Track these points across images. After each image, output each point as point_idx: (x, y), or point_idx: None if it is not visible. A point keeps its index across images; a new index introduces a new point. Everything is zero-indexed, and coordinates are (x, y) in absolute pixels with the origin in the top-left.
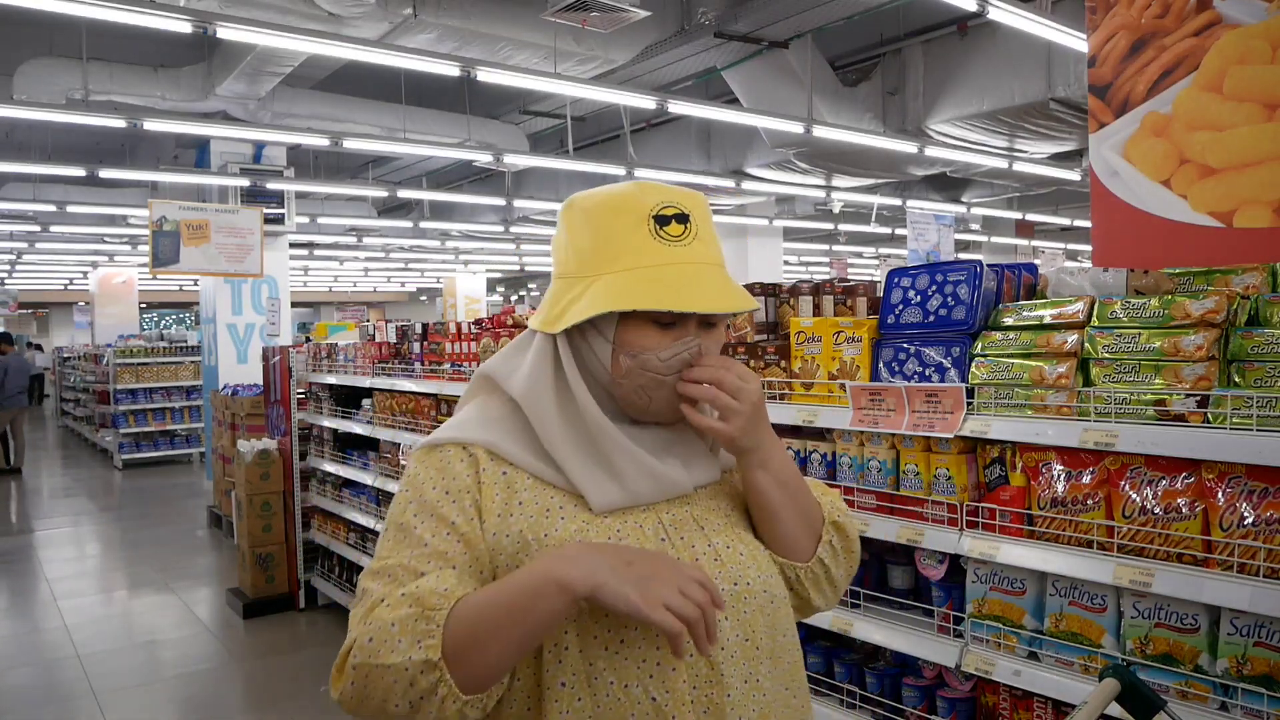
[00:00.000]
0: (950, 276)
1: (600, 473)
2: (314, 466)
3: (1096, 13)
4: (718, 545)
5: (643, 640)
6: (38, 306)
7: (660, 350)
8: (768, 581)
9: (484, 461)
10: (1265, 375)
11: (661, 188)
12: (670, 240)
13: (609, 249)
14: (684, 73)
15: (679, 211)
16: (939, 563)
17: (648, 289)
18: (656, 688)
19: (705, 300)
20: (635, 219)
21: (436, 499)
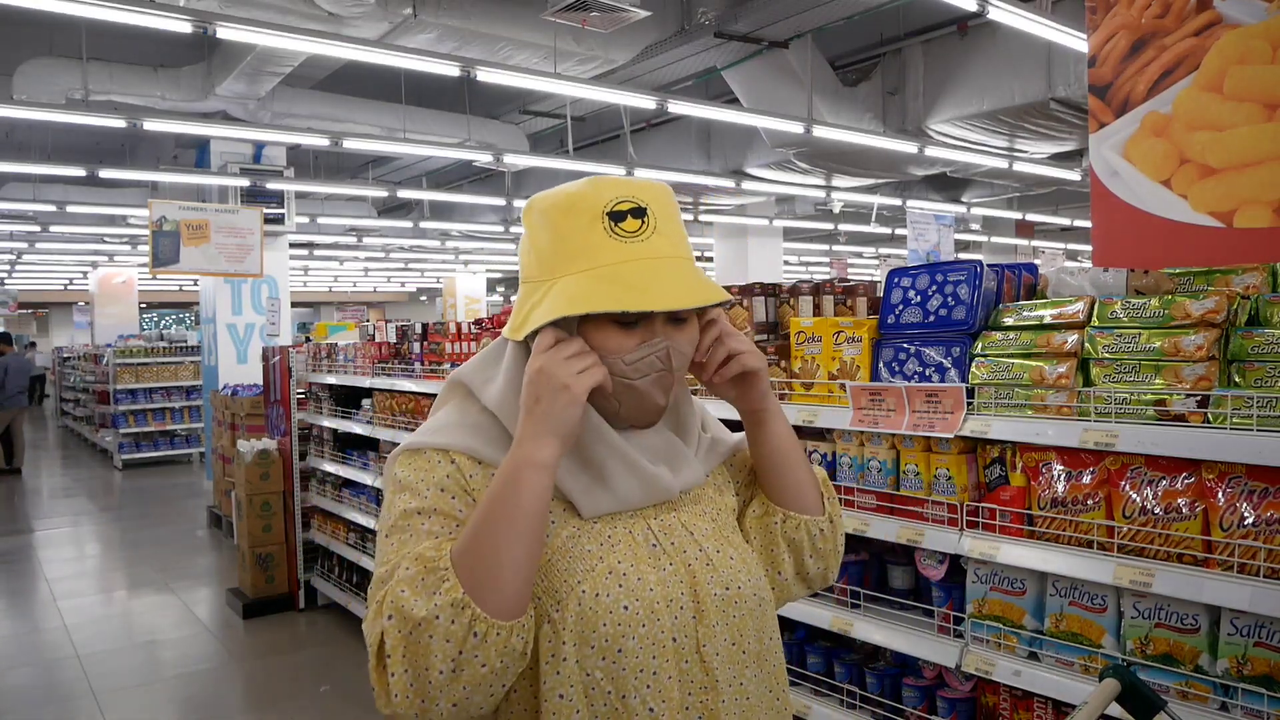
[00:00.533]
0: (950, 276)
1: (587, 478)
2: (314, 466)
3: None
4: (708, 550)
5: (640, 649)
6: (37, 306)
7: (625, 353)
8: (757, 585)
9: (468, 467)
10: (1265, 375)
11: (618, 181)
12: (626, 236)
13: (565, 249)
14: (684, 73)
15: (635, 205)
16: (939, 563)
17: (604, 289)
18: (653, 698)
19: (664, 297)
20: (590, 217)
21: (433, 498)
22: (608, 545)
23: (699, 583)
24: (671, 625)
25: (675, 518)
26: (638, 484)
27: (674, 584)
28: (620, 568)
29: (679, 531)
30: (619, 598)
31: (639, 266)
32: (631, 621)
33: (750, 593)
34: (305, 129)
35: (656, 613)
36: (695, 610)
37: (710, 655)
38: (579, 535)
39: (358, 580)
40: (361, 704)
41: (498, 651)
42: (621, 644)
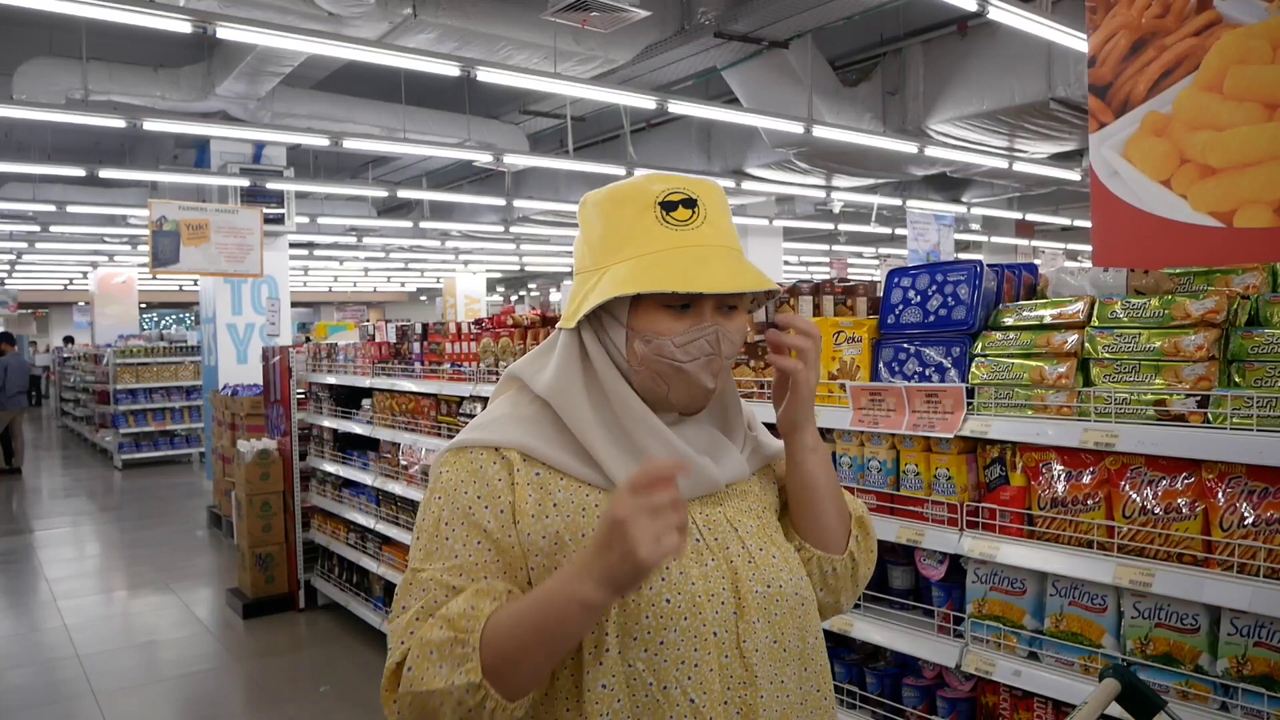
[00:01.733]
0: (950, 276)
1: (634, 464)
2: (314, 466)
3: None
4: (751, 548)
5: (681, 642)
6: (38, 306)
7: (675, 335)
8: (798, 584)
9: (517, 463)
10: (1265, 375)
11: (670, 177)
12: (677, 225)
13: (617, 238)
14: (684, 73)
15: (686, 196)
16: (939, 563)
17: (655, 272)
18: (695, 689)
19: (713, 281)
20: (641, 206)
21: (468, 504)
22: None
23: (740, 579)
24: (713, 619)
25: (720, 512)
26: (690, 478)
27: (716, 579)
28: (667, 561)
29: (723, 526)
30: (661, 591)
31: (690, 253)
32: (673, 615)
33: (791, 591)
34: (305, 129)
35: (699, 606)
36: (736, 606)
37: (750, 651)
38: None
39: (358, 580)
40: (361, 704)
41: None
42: (664, 636)
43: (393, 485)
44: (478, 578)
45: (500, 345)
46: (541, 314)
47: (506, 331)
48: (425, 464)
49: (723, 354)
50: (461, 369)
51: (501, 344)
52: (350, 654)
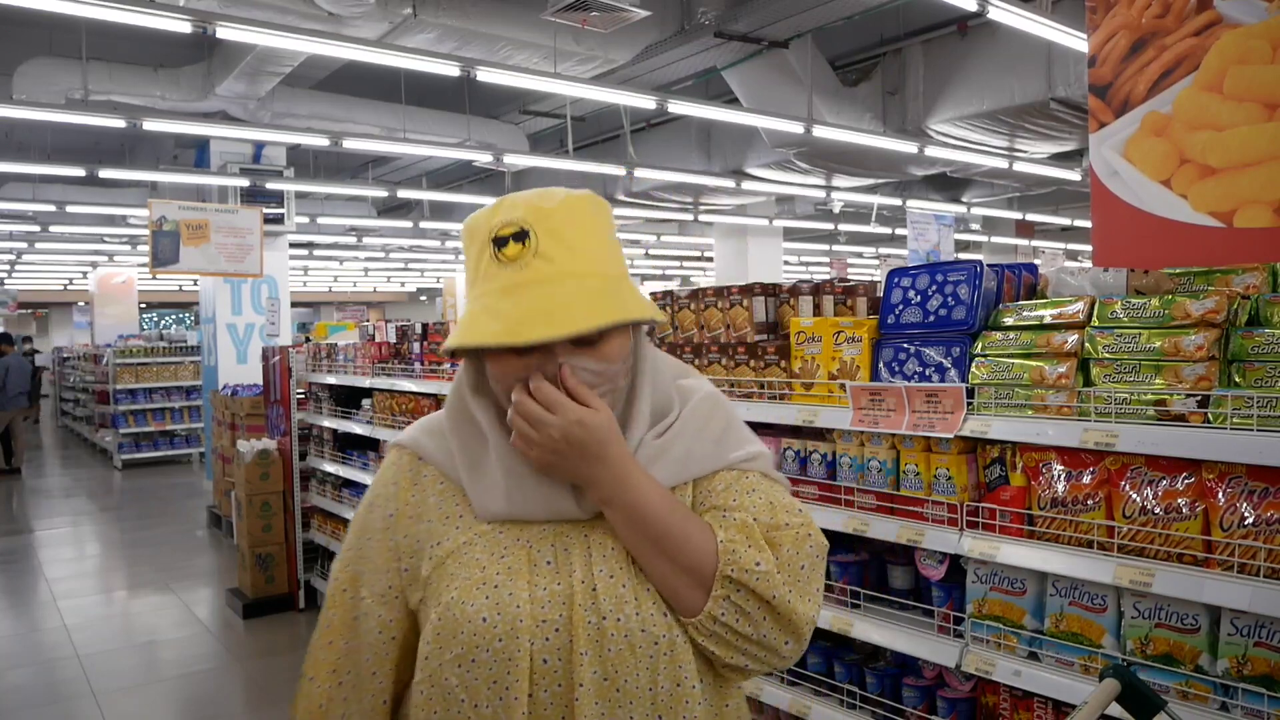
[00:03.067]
0: (950, 276)
1: (488, 483)
2: (314, 466)
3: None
4: (598, 574)
5: (493, 663)
6: (37, 306)
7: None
8: (649, 621)
9: (410, 463)
10: (1265, 375)
11: (511, 203)
12: (506, 262)
13: (470, 274)
14: (684, 73)
15: (516, 230)
16: (939, 563)
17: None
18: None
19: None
20: (481, 243)
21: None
22: (495, 556)
23: (575, 608)
24: (539, 646)
25: (585, 537)
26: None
27: (551, 605)
28: (495, 579)
29: (579, 552)
30: (481, 609)
31: (514, 295)
32: (488, 634)
33: (638, 628)
34: (305, 129)
35: (517, 630)
36: (569, 634)
37: (573, 685)
38: (475, 542)
39: None
40: None
41: None
42: (475, 654)
43: None
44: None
45: None
46: None
47: None
48: None
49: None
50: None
51: None
52: None
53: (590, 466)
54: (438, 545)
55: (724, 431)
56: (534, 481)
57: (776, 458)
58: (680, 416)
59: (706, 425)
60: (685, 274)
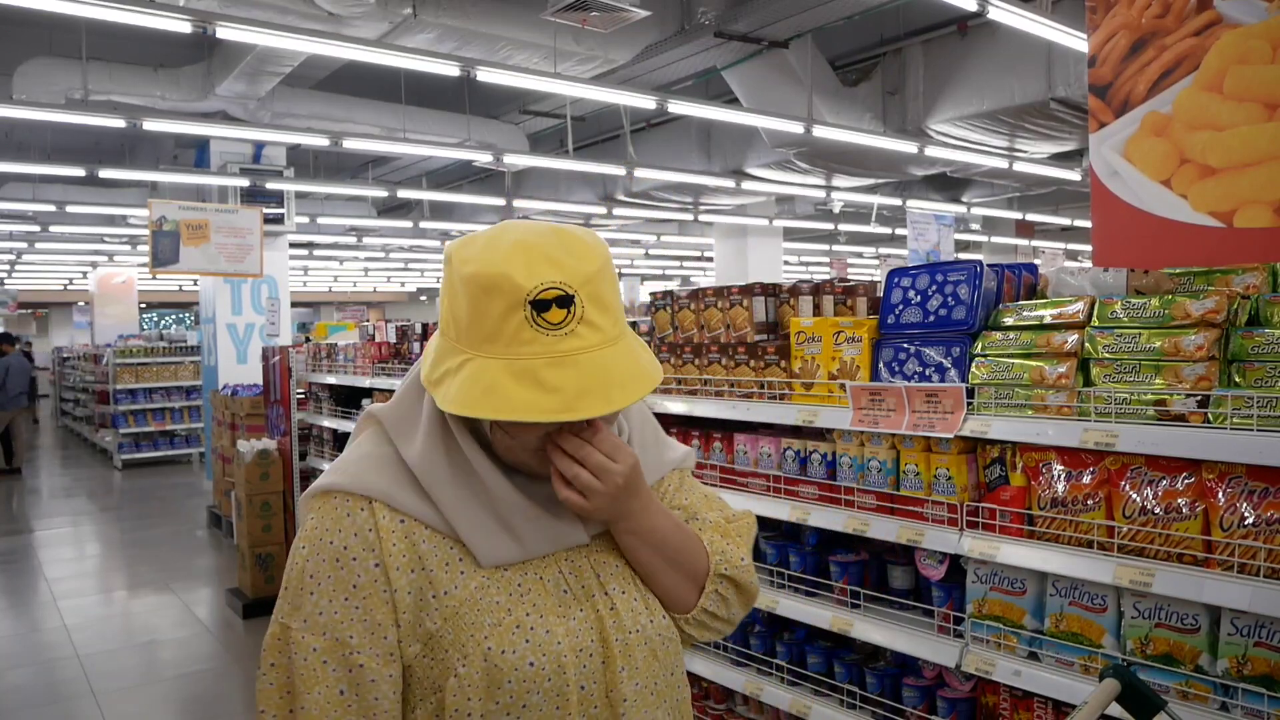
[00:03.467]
0: (950, 276)
1: (495, 527)
2: (314, 466)
3: (1097, 13)
4: (614, 594)
5: (544, 703)
6: (37, 306)
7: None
8: (660, 625)
9: (381, 511)
10: (1265, 375)
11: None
12: (547, 328)
13: (485, 327)
14: (684, 73)
15: (561, 294)
16: (939, 563)
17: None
18: None
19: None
20: (511, 303)
21: (335, 554)
22: (516, 596)
23: (605, 629)
24: (579, 674)
25: (587, 562)
26: (544, 535)
27: (584, 633)
28: (528, 621)
29: (589, 575)
30: (525, 654)
31: (564, 367)
32: (537, 678)
33: (654, 633)
34: (305, 129)
35: (563, 666)
36: (604, 655)
37: (617, 700)
38: (488, 585)
39: None
40: None
41: None
42: (526, 699)
43: None
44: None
45: None
46: None
47: None
48: None
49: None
50: None
51: None
52: None
53: (632, 502)
54: (445, 595)
55: (656, 435)
56: (548, 519)
57: (777, 458)
58: (631, 429)
59: (645, 432)
60: (685, 274)
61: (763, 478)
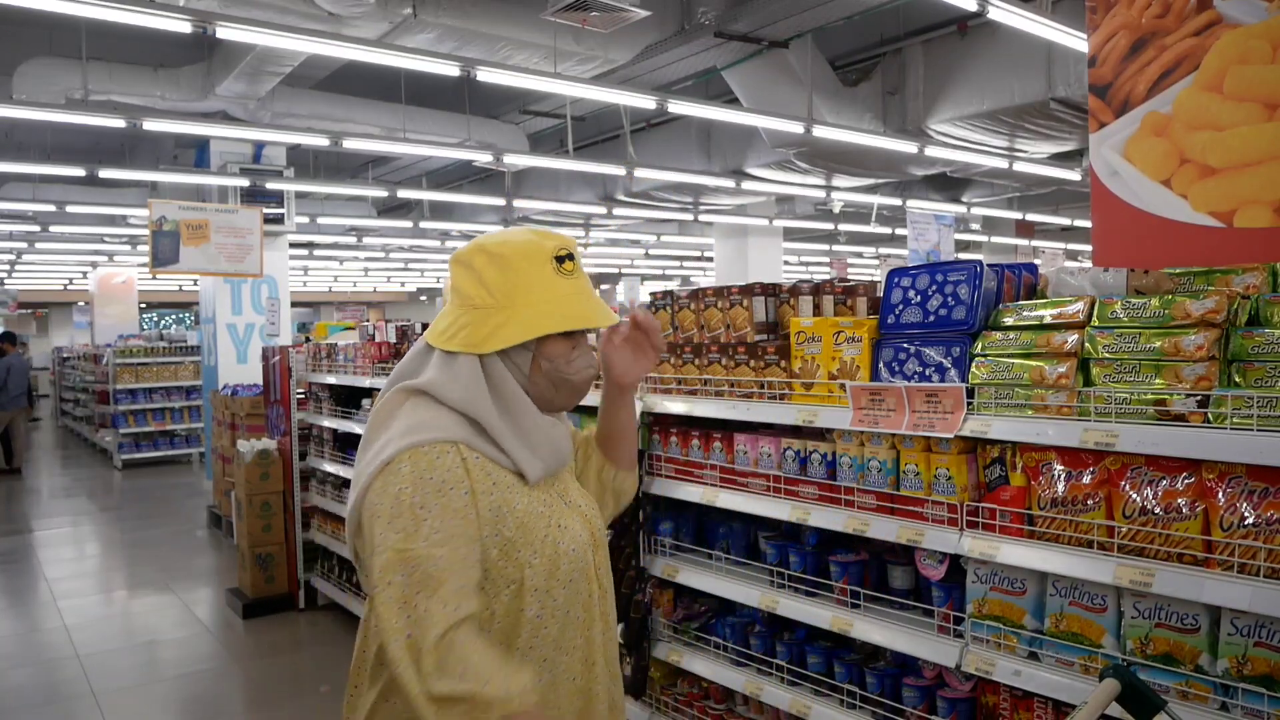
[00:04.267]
0: (950, 276)
1: (529, 456)
2: (314, 466)
3: (1097, 12)
4: (583, 506)
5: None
6: (37, 306)
7: (565, 357)
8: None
9: (465, 452)
10: (1266, 375)
11: (546, 232)
12: (568, 275)
13: (523, 284)
14: (684, 73)
15: (569, 252)
16: (939, 563)
17: (569, 313)
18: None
19: (602, 316)
20: (543, 259)
21: (437, 486)
22: (549, 507)
23: (593, 525)
24: (589, 555)
25: (563, 484)
26: (554, 453)
27: (583, 528)
28: (561, 522)
29: (570, 492)
30: (569, 544)
31: (581, 297)
32: (574, 559)
33: (600, 530)
34: (305, 129)
35: (581, 550)
36: (592, 543)
37: (602, 575)
38: (533, 503)
39: (357, 580)
40: None
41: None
42: (573, 575)
43: None
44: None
45: None
46: None
47: None
48: None
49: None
50: None
51: None
52: (350, 654)
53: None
54: (515, 509)
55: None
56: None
57: (777, 458)
58: None
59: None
60: (685, 274)
61: (763, 478)
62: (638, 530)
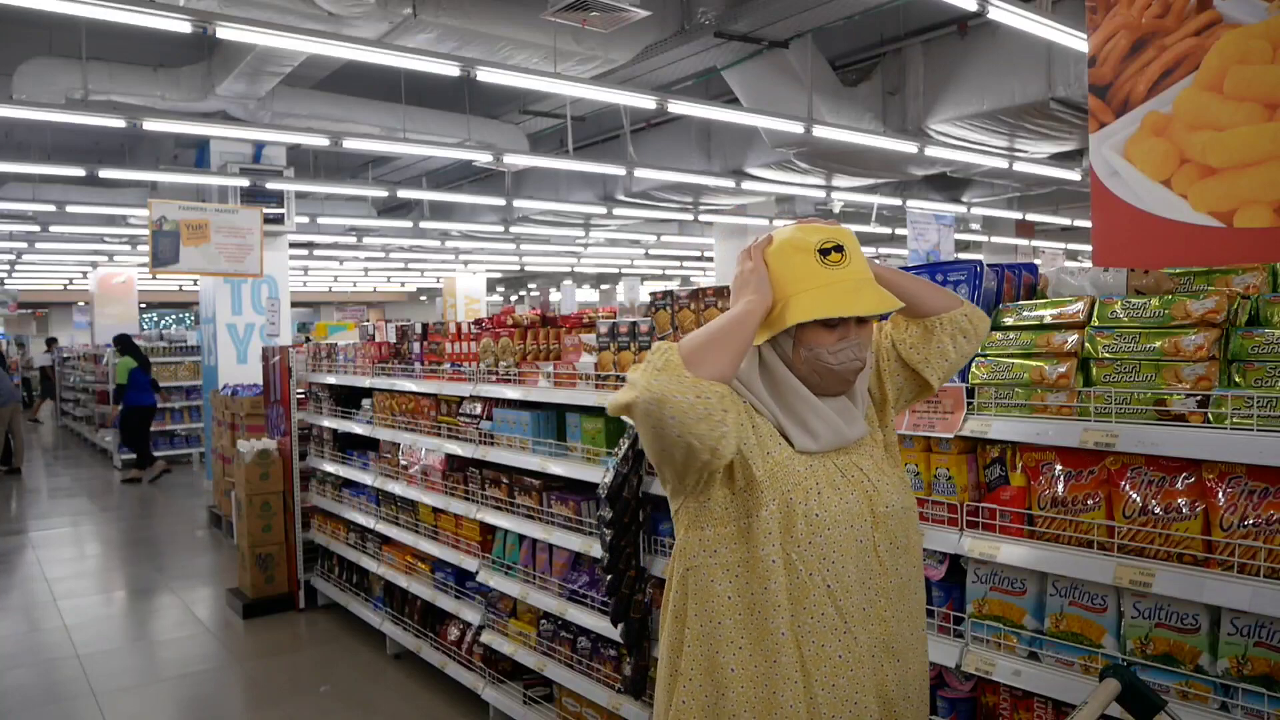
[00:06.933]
0: (950, 276)
1: (799, 429)
2: (314, 466)
3: (1097, 12)
4: (875, 479)
5: (825, 544)
6: (37, 306)
7: (828, 345)
8: (905, 500)
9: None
10: (1265, 375)
11: (818, 226)
12: (832, 265)
13: (790, 276)
14: (684, 73)
15: (836, 244)
16: (939, 563)
17: (821, 303)
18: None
19: (858, 307)
20: (806, 252)
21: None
22: (809, 471)
23: (874, 503)
24: (855, 531)
25: (850, 459)
26: (832, 432)
27: (854, 504)
28: (816, 487)
29: (853, 469)
30: (812, 507)
31: (842, 286)
32: (820, 525)
33: (900, 506)
34: (305, 129)
35: (839, 522)
36: (873, 522)
37: (883, 552)
38: (794, 460)
39: (358, 580)
40: (361, 704)
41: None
42: (812, 538)
43: (393, 485)
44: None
45: (500, 345)
46: (541, 314)
47: (506, 331)
48: (425, 464)
49: (860, 359)
50: (461, 369)
51: (501, 344)
52: (350, 654)
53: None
54: (769, 455)
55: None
56: (834, 423)
57: None
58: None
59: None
60: (685, 274)
61: None
62: (637, 530)
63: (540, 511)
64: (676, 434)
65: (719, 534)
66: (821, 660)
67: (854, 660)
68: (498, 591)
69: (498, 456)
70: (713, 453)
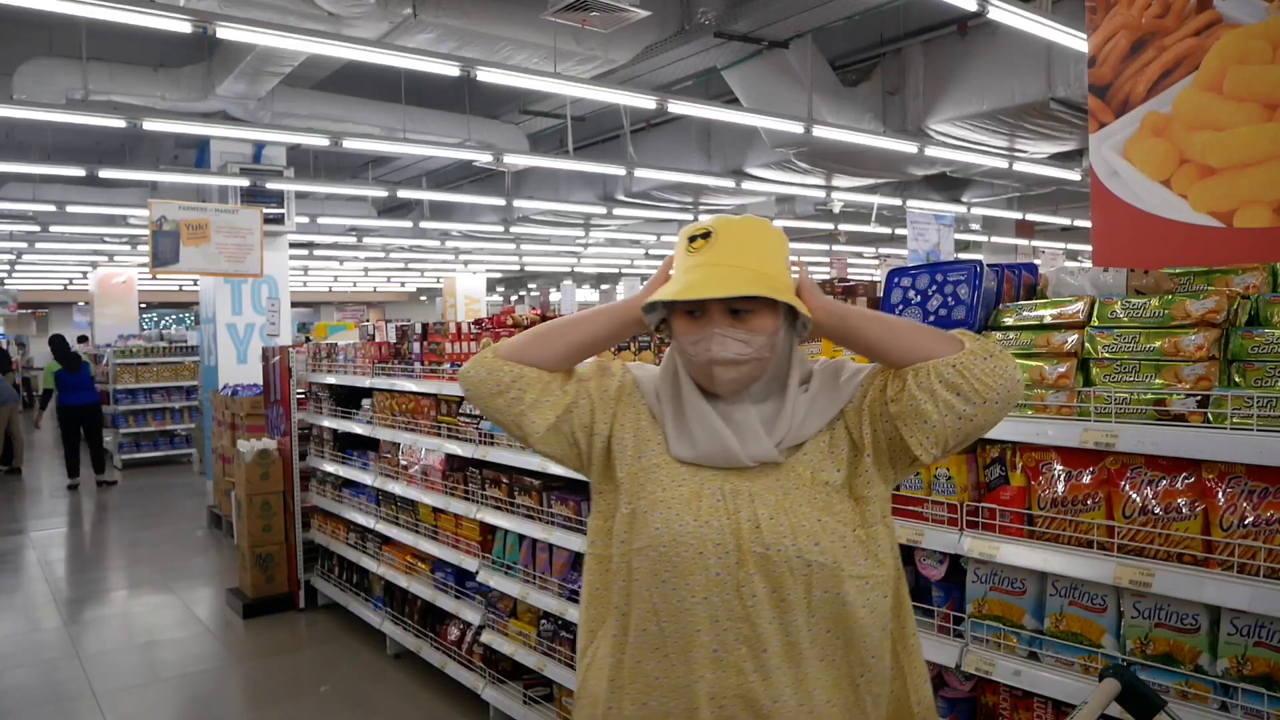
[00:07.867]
0: (950, 276)
1: (676, 432)
2: (314, 466)
3: (1096, 12)
4: (760, 515)
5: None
6: (38, 306)
7: (690, 337)
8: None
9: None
10: (1265, 375)
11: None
12: (694, 252)
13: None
14: (684, 73)
15: (704, 231)
16: (939, 563)
17: (669, 288)
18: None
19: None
20: (682, 244)
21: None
22: (674, 483)
23: (742, 537)
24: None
25: (746, 486)
26: (708, 441)
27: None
28: (671, 502)
29: (744, 496)
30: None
31: (697, 272)
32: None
33: (793, 555)
34: (305, 129)
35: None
36: (738, 558)
37: (756, 599)
38: (665, 468)
39: (358, 580)
40: (361, 704)
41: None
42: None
43: (393, 485)
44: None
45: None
46: (541, 314)
47: (506, 331)
48: (425, 464)
49: (715, 354)
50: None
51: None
52: (350, 654)
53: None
54: (640, 459)
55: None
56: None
57: None
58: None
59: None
60: None
61: None
62: None
63: (540, 511)
64: (483, 406)
65: (595, 526)
66: (637, 675)
67: (669, 688)
68: (498, 591)
69: (498, 456)
70: (517, 426)
